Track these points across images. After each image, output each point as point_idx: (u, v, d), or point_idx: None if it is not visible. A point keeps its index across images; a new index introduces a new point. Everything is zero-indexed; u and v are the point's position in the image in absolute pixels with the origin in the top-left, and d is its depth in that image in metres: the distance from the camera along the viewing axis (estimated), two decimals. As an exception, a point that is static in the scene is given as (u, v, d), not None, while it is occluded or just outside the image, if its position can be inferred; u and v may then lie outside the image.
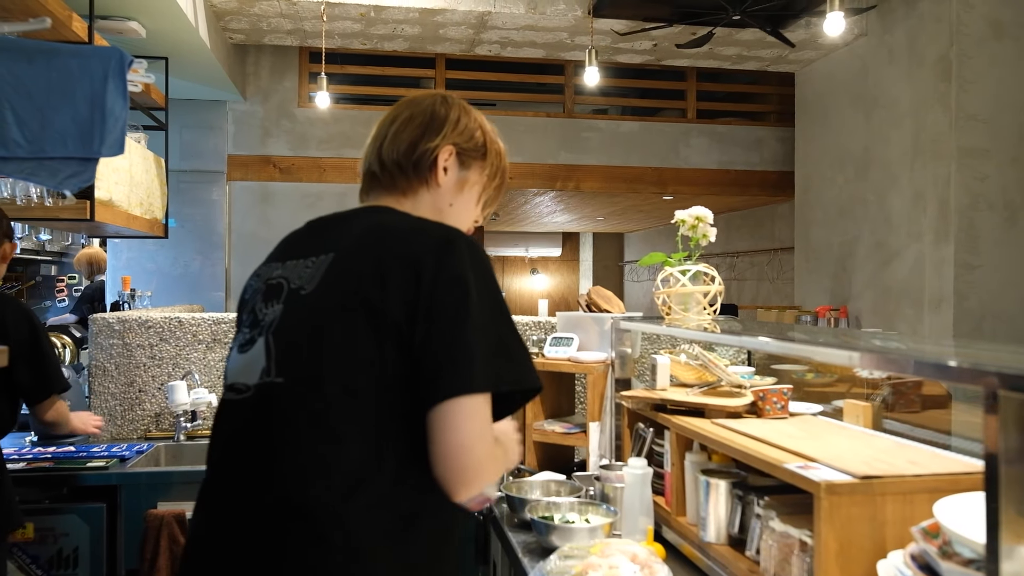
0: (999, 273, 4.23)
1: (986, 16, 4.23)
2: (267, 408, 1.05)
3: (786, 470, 1.39)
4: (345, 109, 5.77)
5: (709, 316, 2.16)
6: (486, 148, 1.29)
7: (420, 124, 1.24)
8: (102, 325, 2.94)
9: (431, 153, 1.22)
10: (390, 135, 1.24)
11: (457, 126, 1.26)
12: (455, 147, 1.24)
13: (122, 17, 3.73)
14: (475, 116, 1.30)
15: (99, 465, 2.49)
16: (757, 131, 6.26)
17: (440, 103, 1.28)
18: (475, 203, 1.30)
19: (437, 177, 1.23)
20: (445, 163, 1.24)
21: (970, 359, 0.98)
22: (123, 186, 3.23)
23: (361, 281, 1.05)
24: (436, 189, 1.24)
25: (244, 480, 1.04)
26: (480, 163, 1.28)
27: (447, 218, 1.24)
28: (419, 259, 1.04)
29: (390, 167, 1.23)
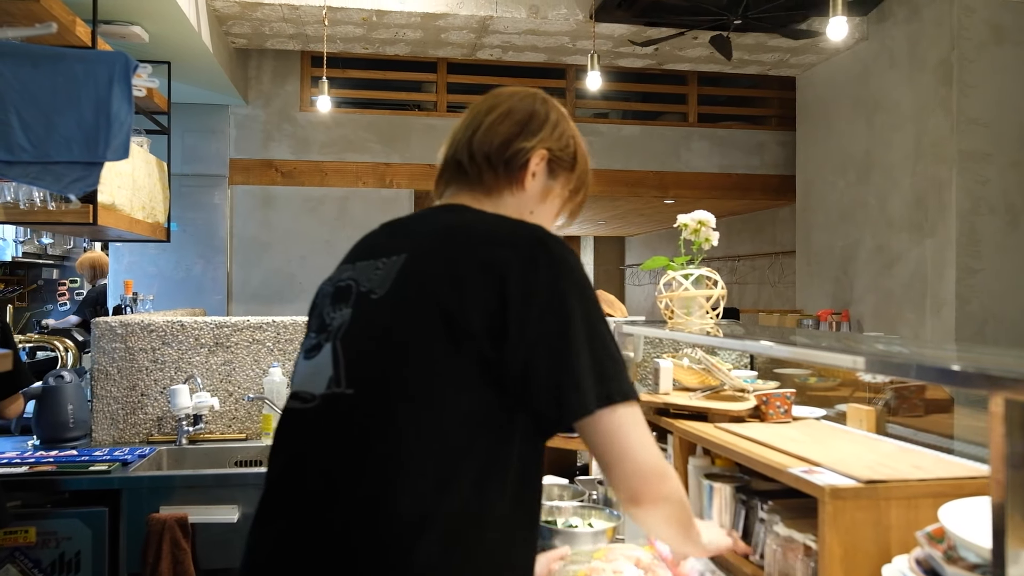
0: (1001, 277, 4.23)
1: (987, 20, 4.23)
2: (334, 422, 0.98)
3: (790, 474, 1.39)
4: (347, 113, 5.78)
5: (712, 320, 2.16)
6: (576, 160, 1.21)
7: (519, 121, 1.16)
8: (104, 329, 2.94)
9: (525, 154, 1.14)
10: (485, 125, 1.16)
11: (555, 130, 1.18)
12: (548, 152, 1.16)
13: (125, 22, 3.74)
14: (571, 124, 1.23)
15: (101, 469, 2.49)
16: (758, 135, 6.27)
17: (540, 102, 1.20)
18: (554, 216, 1.23)
19: (524, 181, 1.15)
20: (536, 167, 1.16)
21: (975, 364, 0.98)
22: (125, 190, 3.24)
23: (437, 285, 0.97)
24: (520, 193, 1.16)
25: (308, 500, 0.97)
26: (567, 174, 1.20)
27: None
28: (502, 264, 0.96)
29: (479, 160, 1.14)
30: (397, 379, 0.95)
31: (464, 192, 1.16)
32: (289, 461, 1.02)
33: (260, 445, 2.90)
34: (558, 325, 0.94)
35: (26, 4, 2.28)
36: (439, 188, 1.21)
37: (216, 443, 2.93)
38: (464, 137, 1.17)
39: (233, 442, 2.96)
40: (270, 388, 2.90)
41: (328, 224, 5.72)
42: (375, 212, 5.75)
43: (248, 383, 3.01)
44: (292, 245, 5.63)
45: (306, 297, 1.15)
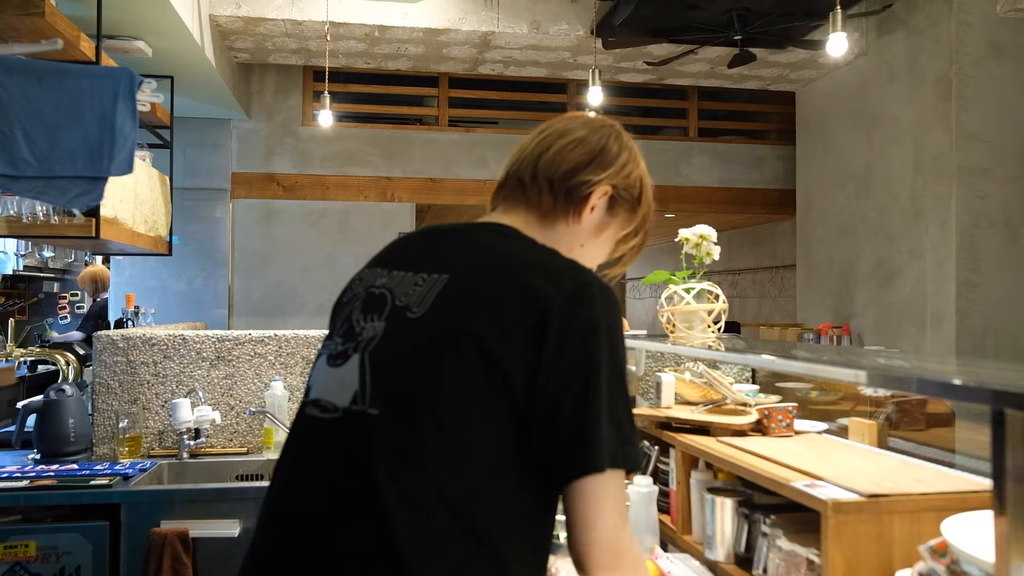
0: (1001, 291, 4.24)
1: (985, 36, 4.26)
2: (355, 441, 0.93)
3: (793, 488, 1.39)
4: (348, 127, 5.81)
5: (713, 334, 2.17)
6: (640, 201, 1.17)
7: (590, 151, 1.12)
8: (106, 342, 2.94)
9: (589, 187, 1.11)
10: (555, 149, 1.12)
11: (624, 169, 1.14)
12: (613, 189, 1.12)
13: (129, 37, 3.77)
14: (640, 164, 1.18)
15: (102, 483, 2.48)
16: (758, 149, 6.29)
17: (615, 137, 1.16)
18: (606, 254, 1.18)
19: (582, 213, 1.11)
20: (596, 201, 1.12)
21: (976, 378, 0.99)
22: (128, 204, 3.25)
23: (477, 314, 0.93)
24: (576, 225, 1.12)
25: (321, 511, 0.93)
26: (628, 214, 1.16)
27: (574, 258, 1.10)
28: (547, 306, 0.92)
29: (541, 183, 1.11)
30: (426, 405, 0.92)
31: (518, 212, 1.12)
32: (304, 468, 0.99)
33: (261, 459, 2.90)
34: (585, 375, 0.92)
35: (31, 20, 2.30)
36: (494, 201, 1.17)
37: (217, 457, 2.93)
38: (531, 156, 1.13)
39: (234, 456, 2.95)
40: (272, 402, 2.90)
41: (330, 238, 5.73)
42: (376, 226, 5.76)
43: (250, 397, 3.01)
44: (294, 259, 5.65)
45: (308, 311, 1.13)
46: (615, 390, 0.93)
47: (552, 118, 1.19)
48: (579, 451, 0.90)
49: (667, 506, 1.99)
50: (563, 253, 1.07)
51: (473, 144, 5.94)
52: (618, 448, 0.92)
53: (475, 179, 5.86)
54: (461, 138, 5.92)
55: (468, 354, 0.91)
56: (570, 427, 0.91)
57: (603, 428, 0.91)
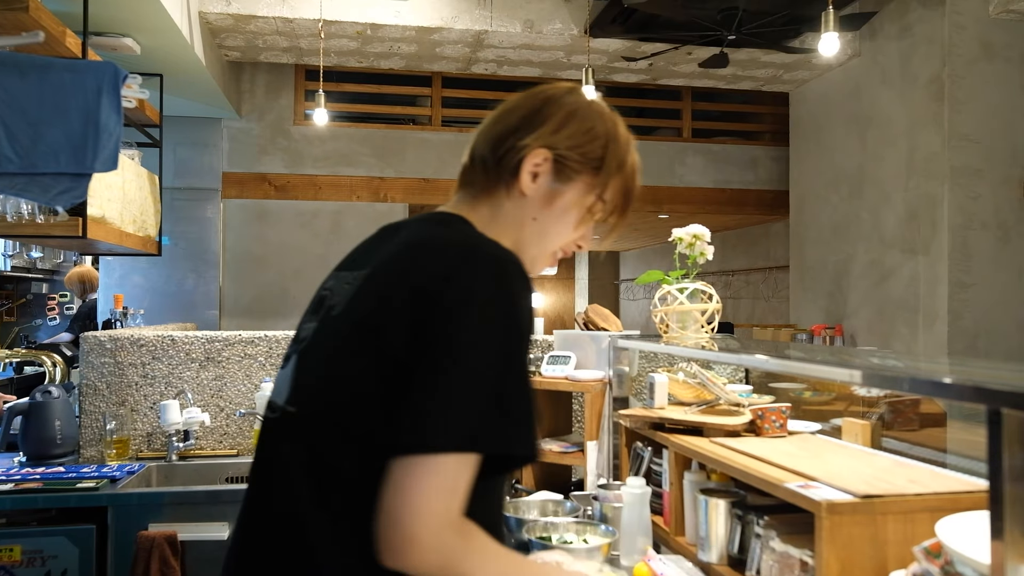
0: (992, 291, 4.24)
1: (977, 37, 4.27)
2: (281, 440, 0.96)
3: (787, 489, 1.38)
4: (341, 127, 5.78)
5: (707, 334, 2.15)
6: (603, 163, 1.05)
7: (522, 116, 1.04)
8: (93, 343, 2.91)
9: (517, 152, 1.02)
10: (489, 122, 1.07)
11: (563, 127, 1.03)
12: (551, 152, 1.02)
13: (116, 34, 3.73)
14: (603, 122, 1.06)
15: (89, 486, 2.45)
16: (752, 150, 6.29)
17: (559, 96, 1.05)
18: (570, 225, 1.06)
19: (521, 184, 1.02)
20: (536, 168, 1.02)
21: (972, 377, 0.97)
22: (116, 203, 3.22)
23: (378, 305, 0.90)
24: (520, 199, 1.03)
25: (250, 513, 0.98)
26: (589, 178, 1.04)
27: (526, 234, 1.05)
28: (425, 284, 0.88)
29: (477, 159, 1.06)
30: (329, 405, 0.90)
31: (465, 197, 1.08)
32: (252, 470, 1.02)
33: (251, 461, 2.87)
34: (451, 336, 0.85)
35: (15, 14, 2.27)
36: (457, 187, 1.13)
37: (207, 459, 2.90)
38: (472, 140, 1.09)
39: (224, 458, 2.92)
40: (262, 403, 2.87)
41: (322, 238, 5.70)
42: (369, 226, 5.60)
43: (239, 398, 2.98)
44: (286, 260, 5.61)
45: (300, 312, 1.12)
46: (488, 364, 0.85)
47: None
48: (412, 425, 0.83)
49: (660, 507, 1.98)
50: (516, 230, 1.03)
51: (466, 144, 5.91)
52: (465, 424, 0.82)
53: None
54: (454, 138, 5.90)
55: (366, 347, 0.89)
56: (415, 400, 0.83)
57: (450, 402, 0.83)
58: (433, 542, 0.81)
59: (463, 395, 0.83)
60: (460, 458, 0.82)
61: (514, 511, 2.00)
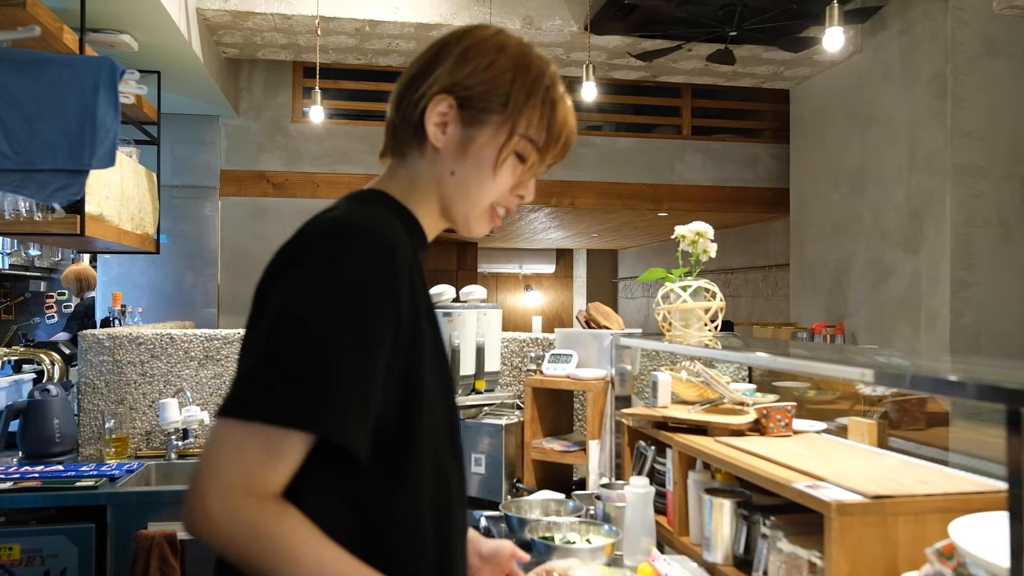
0: (995, 289, 4.23)
1: (980, 34, 4.25)
2: None
3: (795, 490, 1.36)
4: (339, 124, 5.76)
5: (710, 332, 2.13)
6: (510, 96, 0.92)
7: (419, 66, 0.95)
8: (92, 342, 2.89)
9: (416, 105, 0.92)
10: (399, 80, 0.98)
11: (460, 66, 0.92)
12: (451, 96, 0.91)
13: (114, 30, 3.70)
14: (506, 54, 0.93)
15: (88, 484, 2.43)
16: (752, 148, 6.27)
17: (456, 37, 0.95)
18: (490, 172, 0.94)
19: (429, 137, 0.93)
20: (441, 117, 0.92)
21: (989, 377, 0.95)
22: (114, 201, 3.19)
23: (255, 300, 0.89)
24: (433, 155, 0.94)
25: None
26: (498, 118, 0.92)
27: (448, 191, 0.96)
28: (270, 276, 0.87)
29: (388, 124, 0.98)
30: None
31: (386, 168, 1.00)
32: None
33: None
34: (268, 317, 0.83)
35: (11, 10, 2.24)
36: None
37: (205, 458, 2.88)
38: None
39: (222, 457, 2.90)
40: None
41: (320, 236, 5.67)
42: (368, 224, 5.70)
43: (238, 396, 2.96)
44: (284, 257, 5.58)
45: None
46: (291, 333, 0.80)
47: None
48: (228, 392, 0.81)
49: (663, 507, 1.96)
50: (435, 191, 0.96)
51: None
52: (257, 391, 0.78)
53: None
54: (453, 135, 5.87)
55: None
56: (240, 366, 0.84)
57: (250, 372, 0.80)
58: (223, 513, 0.76)
59: (266, 365, 0.79)
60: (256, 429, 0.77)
61: (516, 510, 1.98)
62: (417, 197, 0.97)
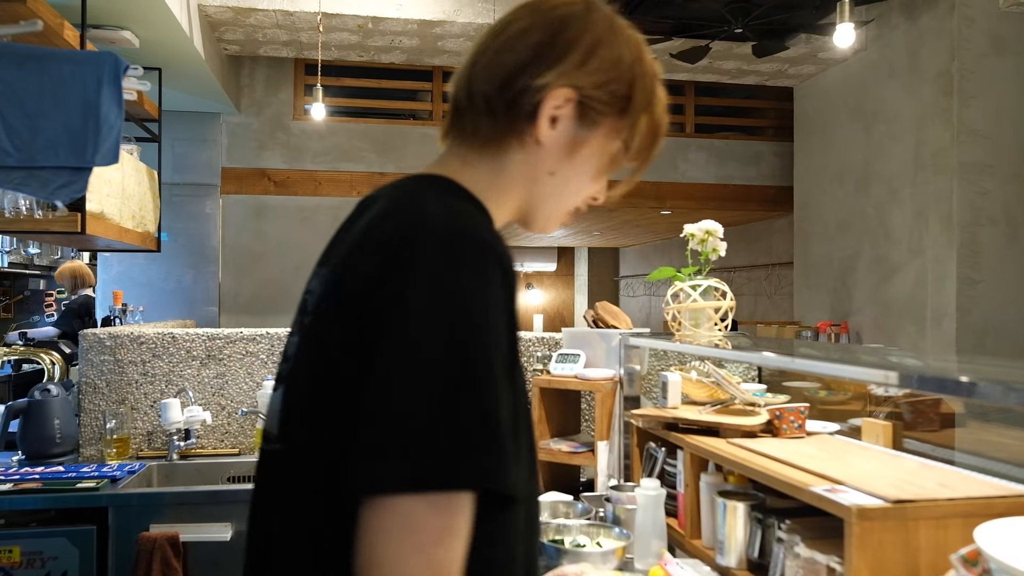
0: (1001, 288, 4.20)
1: (987, 31, 4.22)
2: (271, 479, 0.80)
3: (813, 493, 1.33)
4: (341, 122, 5.72)
5: (720, 332, 2.11)
6: (631, 97, 0.83)
7: (534, 44, 0.80)
8: (92, 341, 2.86)
9: (534, 93, 0.79)
10: (491, 52, 0.82)
11: (590, 58, 0.80)
12: (577, 92, 0.80)
13: (115, 26, 3.67)
14: (627, 46, 0.83)
15: (89, 486, 2.40)
16: (755, 145, 6.25)
17: (578, 17, 0.82)
18: (592, 176, 0.86)
19: (537, 130, 0.80)
20: (556, 112, 0.80)
21: None
22: (115, 198, 3.16)
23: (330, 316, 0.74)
24: (535, 148, 0.82)
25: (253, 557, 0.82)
26: (616, 121, 0.83)
27: (542, 191, 0.85)
28: (365, 281, 0.70)
29: (478, 102, 0.82)
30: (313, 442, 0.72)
31: (458, 150, 0.85)
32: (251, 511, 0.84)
33: (253, 460, 2.82)
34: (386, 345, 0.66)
35: (12, 5, 2.21)
36: (444, 135, 0.89)
37: (208, 458, 2.85)
38: (466, 69, 0.85)
39: (226, 457, 2.88)
40: (264, 402, 2.82)
41: (322, 234, 5.55)
42: (369, 222, 5.67)
43: (241, 396, 2.93)
44: (285, 256, 5.56)
45: None
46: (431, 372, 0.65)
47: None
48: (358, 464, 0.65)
49: (674, 509, 1.93)
50: (524, 188, 0.84)
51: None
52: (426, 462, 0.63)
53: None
54: (455, 133, 5.85)
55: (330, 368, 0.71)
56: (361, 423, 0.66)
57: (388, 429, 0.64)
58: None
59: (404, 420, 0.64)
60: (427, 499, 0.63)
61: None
62: (498, 192, 0.83)
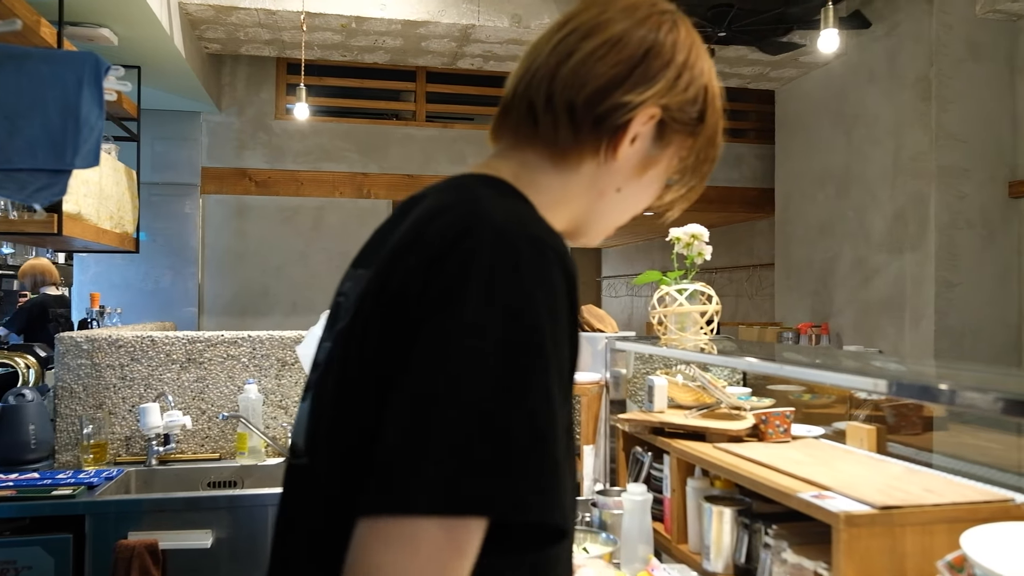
0: (978, 290, 4.25)
1: (964, 37, 4.27)
2: (298, 493, 0.75)
3: (801, 500, 1.33)
4: (323, 122, 5.68)
5: (706, 336, 2.11)
6: (704, 113, 0.81)
7: (629, 58, 0.76)
8: (69, 344, 2.81)
9: (627, 111, 0.75)
10: (579, 56, 0.76)
11: (681, 77, 0.78)
12: (662, 111, 0.77)
13: (93, 24, 3.61)
14: (704, 63, 0.81)
15: (65, 493, 2.35)
16: (737, 148, 6.28)
17: (669, 28, 0.79)
18: (655, 193, 0.83)
19: (618, 147, 0.76)
20: (639, 129, 0.76)
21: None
22: (92, 199, 3.11)
23: (373, 319, 0.67)
24: (609, 163, 0.77)
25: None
26: (685, 139, 0.80)
27: (604, 206, 0.81)
28: (413, 272, 0.65)
29: (559, 109, 0.75)
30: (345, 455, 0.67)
31: (525, 150, 0.79)
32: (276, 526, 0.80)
33: (234, 465, 2.78)
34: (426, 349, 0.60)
35: (-11, 3, 2.17)
36: (497, 132, 0.83)
37: (188, 464, 2.81)
38: (546, 67, 0.77)
39: (206, 462, 2.83)
40: (245, 406, 2.78)
41: (303, 235, 5.60)
42: (352, 223, 5.65)
43: (222, 400, 2.89)
44: (266, 256, 5.51)
45: (281, 309, 0.98)
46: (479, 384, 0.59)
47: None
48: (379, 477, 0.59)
49: (661, 513, 1.93)
50: (590, 203, 0.80)
51: (451, 140, 5.84)
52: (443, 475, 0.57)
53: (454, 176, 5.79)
54: (439, 134, 5.82)
55: (366, 375, 0.66)
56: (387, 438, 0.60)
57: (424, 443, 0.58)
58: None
59: (450, 431, 0.58)
60: (445, 524, 0.57)
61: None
62: (561, 203, 0.79)
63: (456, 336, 0.60)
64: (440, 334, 0.60)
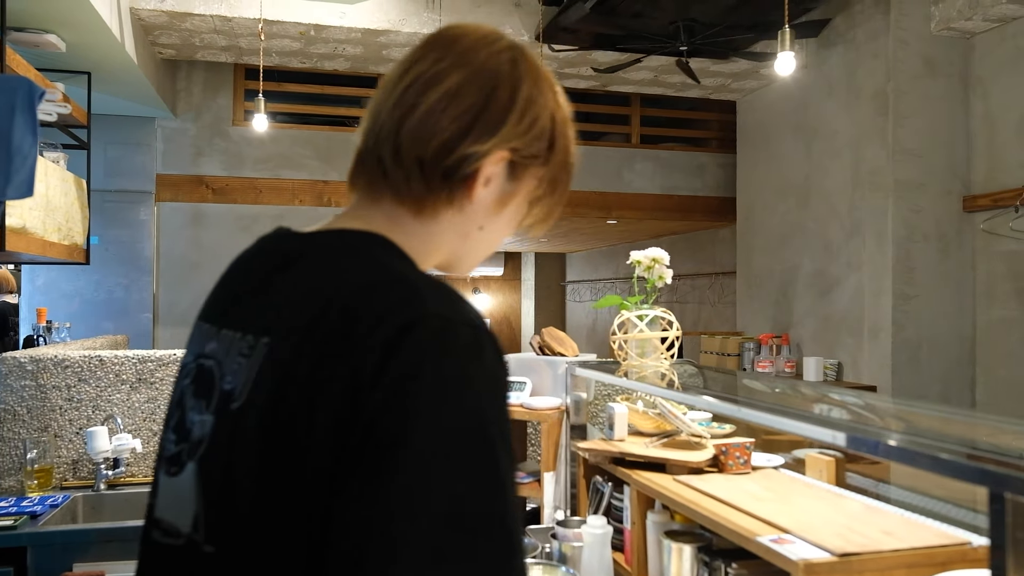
0: (934, 303, 4.33)
1: (920, 53, 4.34)
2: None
3: (760, 545, 1.32)
4: (283, 128, 5.58)
5: (667, 361, 2.10)
6: (553, 144, 0.81)
7: (470, 108, 0.75)
8: (12, 365, 2.70)
9: (474, 161, 0.75)
10: (421, 111, 0.75)
11: (525, 116, 0.77)
12: (511, 153, 0.77)
13: (39, 30, 3.49)
14: (548, 95, 0.81)
15: (6, 524, 2.26)
16: (700, 157, 6.32)
17: (508, 65, 0.78)
18: (517, 222, 0.84)
19: (472, 193, 0.77)
20: (490, 172, 0.77)
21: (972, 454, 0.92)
22: (38, 211, 3.00)
23: (299, 409, 0.63)
24: (465, 207, 0.78)
25: None
26: (539, 170, 0.81)
27: (469, 246, 0.82)
28: (358, 363, 0.61)
29: (408, 164, 0.75)
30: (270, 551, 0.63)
31: (382, 203, 0.78)
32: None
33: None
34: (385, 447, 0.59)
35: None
36: (353, 181, 0.82)
37: (138, 487, 2.72)
38: (390, 122, 0.77)
39: (156, 487, 2.75)
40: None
41: (262, 243, 5.48)
42: (312, 231, 5.54)
43: (173, 422, 2.81)
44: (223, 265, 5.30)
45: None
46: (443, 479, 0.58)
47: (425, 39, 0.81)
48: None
49: (621, 543, 1.91)
50: (453, 245, 0.80)
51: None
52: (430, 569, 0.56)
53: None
54: (401, 141, 5.75)
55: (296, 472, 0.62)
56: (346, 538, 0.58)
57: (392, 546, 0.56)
58: None
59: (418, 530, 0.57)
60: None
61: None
62: (430, 251, 0.80)
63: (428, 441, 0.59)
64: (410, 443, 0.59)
